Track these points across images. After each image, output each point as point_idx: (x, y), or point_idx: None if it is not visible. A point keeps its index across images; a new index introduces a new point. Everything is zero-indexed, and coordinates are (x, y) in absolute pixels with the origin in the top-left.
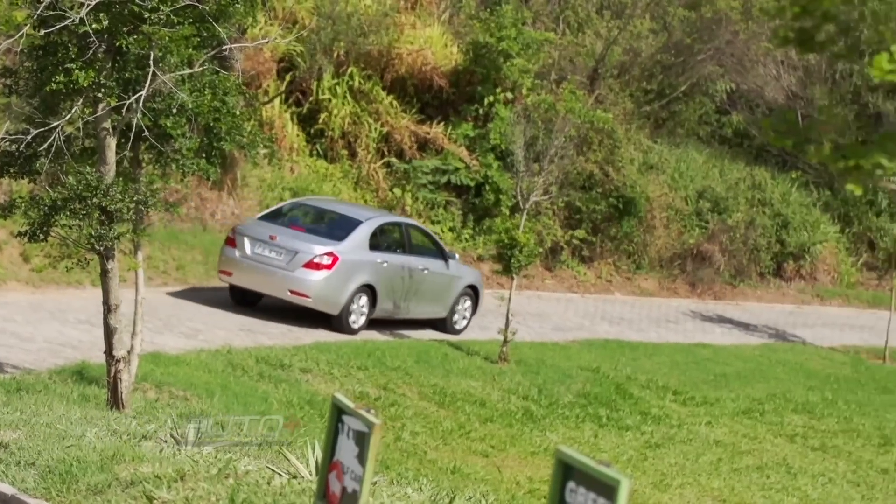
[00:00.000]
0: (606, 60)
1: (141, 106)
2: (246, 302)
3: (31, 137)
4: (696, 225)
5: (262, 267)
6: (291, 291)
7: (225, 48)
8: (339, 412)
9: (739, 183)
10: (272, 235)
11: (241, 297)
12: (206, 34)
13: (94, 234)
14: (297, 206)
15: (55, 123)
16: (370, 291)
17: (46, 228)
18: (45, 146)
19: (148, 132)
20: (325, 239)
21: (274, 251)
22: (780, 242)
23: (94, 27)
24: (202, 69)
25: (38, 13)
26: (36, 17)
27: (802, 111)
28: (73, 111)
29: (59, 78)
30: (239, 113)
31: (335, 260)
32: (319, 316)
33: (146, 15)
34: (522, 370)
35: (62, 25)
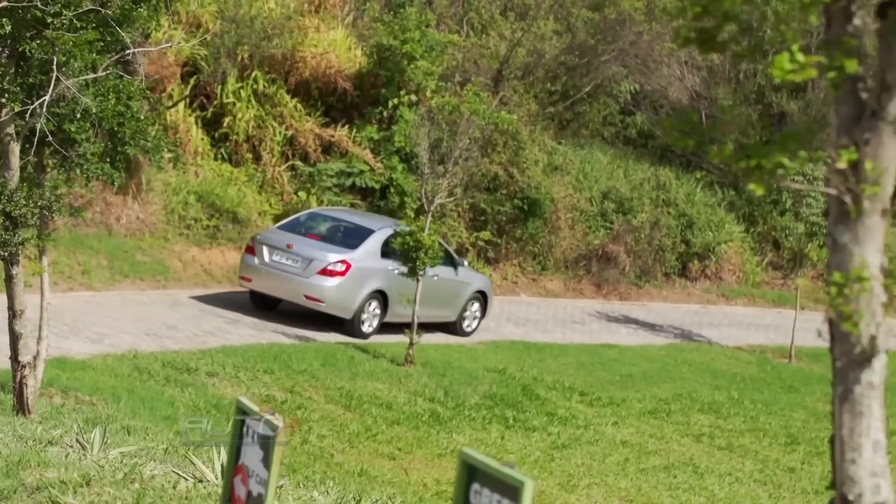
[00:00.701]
0: (510, 62)
1: (45, 111)
2: (265, 306)
3: None
4: (601, 226)
5: (279, 274)
6: (307, 297)
7: (129, 53)
8: (243, 415)
9: (644, 183)
10: (289, 244)
11: (260, 301)
12: (109, 38)
13: None
14: (313, 216)
15: None
16: (382, 297)
17: None
18: None
19: (52, 137)
20: (338, 247)
21: (290, 259)
22: (685, 242)
23: None
24: (106, 74)
25: None
26: None
27: (706, 111)
28: None
29: None
30: (143, 117)
31: (348, 267)
32: (333, 320)
33: (49, 20)
34: (429, 372)
35: None
